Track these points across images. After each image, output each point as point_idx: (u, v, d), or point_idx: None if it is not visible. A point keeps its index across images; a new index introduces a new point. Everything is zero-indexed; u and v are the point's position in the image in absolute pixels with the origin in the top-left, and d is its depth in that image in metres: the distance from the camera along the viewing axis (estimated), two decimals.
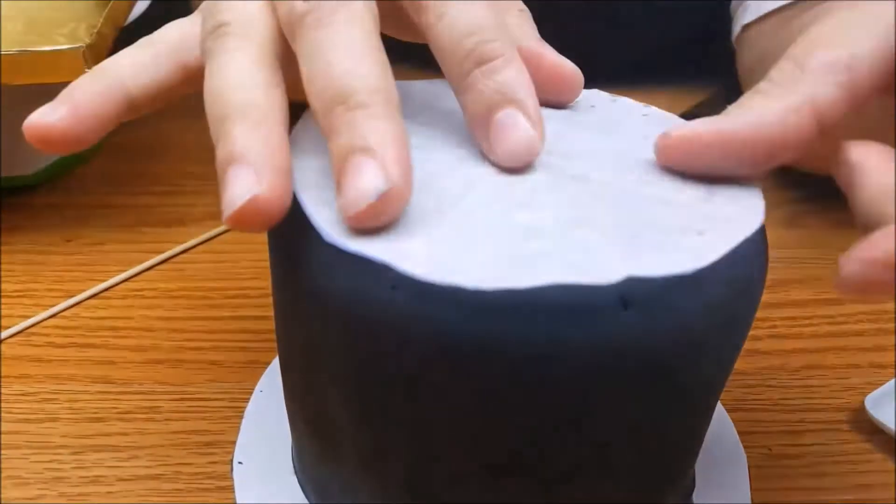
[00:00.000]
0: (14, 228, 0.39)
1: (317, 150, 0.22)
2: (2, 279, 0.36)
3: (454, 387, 0.19)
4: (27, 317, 0.34)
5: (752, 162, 0.21)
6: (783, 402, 0.31)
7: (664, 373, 0.20)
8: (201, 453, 0.29)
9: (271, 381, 0.31)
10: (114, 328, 0.34)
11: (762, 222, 0.21)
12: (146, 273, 0.37)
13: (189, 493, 0.28)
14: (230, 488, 0.27)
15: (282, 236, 0.21)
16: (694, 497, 0.27)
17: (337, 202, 0.19)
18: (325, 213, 0.20)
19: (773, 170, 0.22)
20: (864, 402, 0.30)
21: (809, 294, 0.36)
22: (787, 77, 0.21)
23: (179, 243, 0.38)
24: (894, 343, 0.34)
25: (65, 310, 0.35)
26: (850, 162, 0.20)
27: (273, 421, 0.29)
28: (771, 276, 0.22)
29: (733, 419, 0.30)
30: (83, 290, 0.35)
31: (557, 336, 0.18)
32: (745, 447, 0.29)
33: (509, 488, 0.21)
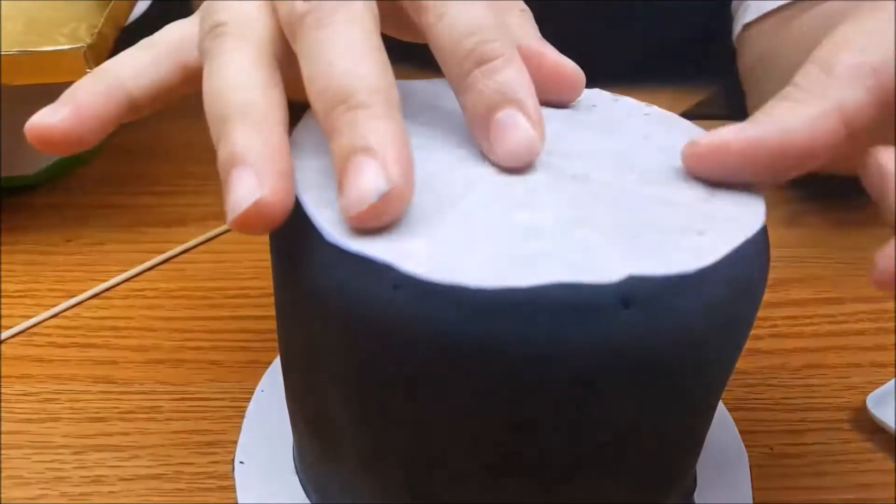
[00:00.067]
0: (15, 228, 0.39)
1: (317, 150, 0.22)
2: (3, 279, 0.36)
3: (455, 386, 0.19)
4: (28, 317, 0.34)
5: (782, 169, 0.21)
6: (784, 401, 0.31)
7: (665, 372, 0.20)
8: (203, 453, 0.29)
9: (272, 381, 0.31)
10: (115, 328, 0.34)
11: (763, 222, 0.21)
12: (147, 273, 0.37)
13: (190, 493, 0.28)
14: (231, 488, 0.27)
15: (283, 237, 0.21)
16: (695, 496, 0.27)
17: (338, 202, 0.19)
18: (326, 214, 0.20)
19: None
20: (865, 401, 0.30)
21: (810, 293, 0.36)
22: (814, 82, 0.21)
23: (180, 243, 0.38)
24: (895, 342, 0.34)
25: (66, 310, 0.35)
26: (879, 167, 0.20)
27: (274, 421, 0.29)
28: (772, 276, 0.22)
29: (735, 418, 0.30)
30: (84, 290, 0.35)
31: (558, 335, 0.18)
32: (747, 446, 0.29)
33: (509, 488, 0.21)
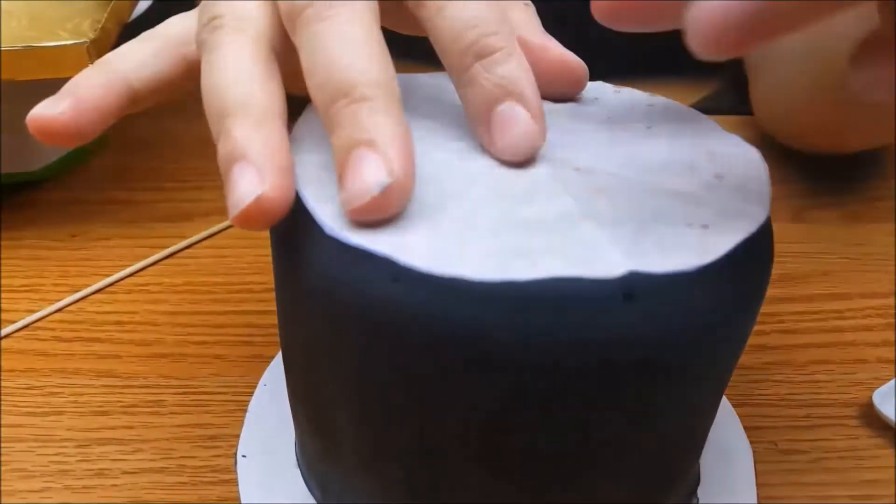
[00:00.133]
0: (20, 224, 0.39)
1: (318, 145, 0.22)
2: (8, 274, 0.36)
3: (453, 379, 0.19)
4: (33, 311, 0.34)
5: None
6: (790, 397, 0.31)
7: (666, 368, 0.19)
8: (205, 447, 0.29)
9: (275, 376, 0.31)
10: (119, 322, 0.34)
11: (768, 217, 0.21)
12: (151, 268, 0.37)
13: (193, 487, 0.28)
14: (234, 482, 0.27)
15: (283, 231, 0.21)
16: (699, 492, 0.27)
17: (339, 195, 0.19)
18: (326, 208, 0.20)
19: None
20: (871, 397, 0.30)
21: (816, 288, 0.36)
22: None
23: (183, 239, 0.38)
24: None
25: (70, 304, 0.35)
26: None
27: (276, 415, 0.29)
28: (778, 271, 0.22)
29: (739, 414, 0.30)
30: (88, 285, 0.35)
31: (559, 330, 0.18)
32: (752, 442, 0.29)
33: (509, 488, 0.21)
